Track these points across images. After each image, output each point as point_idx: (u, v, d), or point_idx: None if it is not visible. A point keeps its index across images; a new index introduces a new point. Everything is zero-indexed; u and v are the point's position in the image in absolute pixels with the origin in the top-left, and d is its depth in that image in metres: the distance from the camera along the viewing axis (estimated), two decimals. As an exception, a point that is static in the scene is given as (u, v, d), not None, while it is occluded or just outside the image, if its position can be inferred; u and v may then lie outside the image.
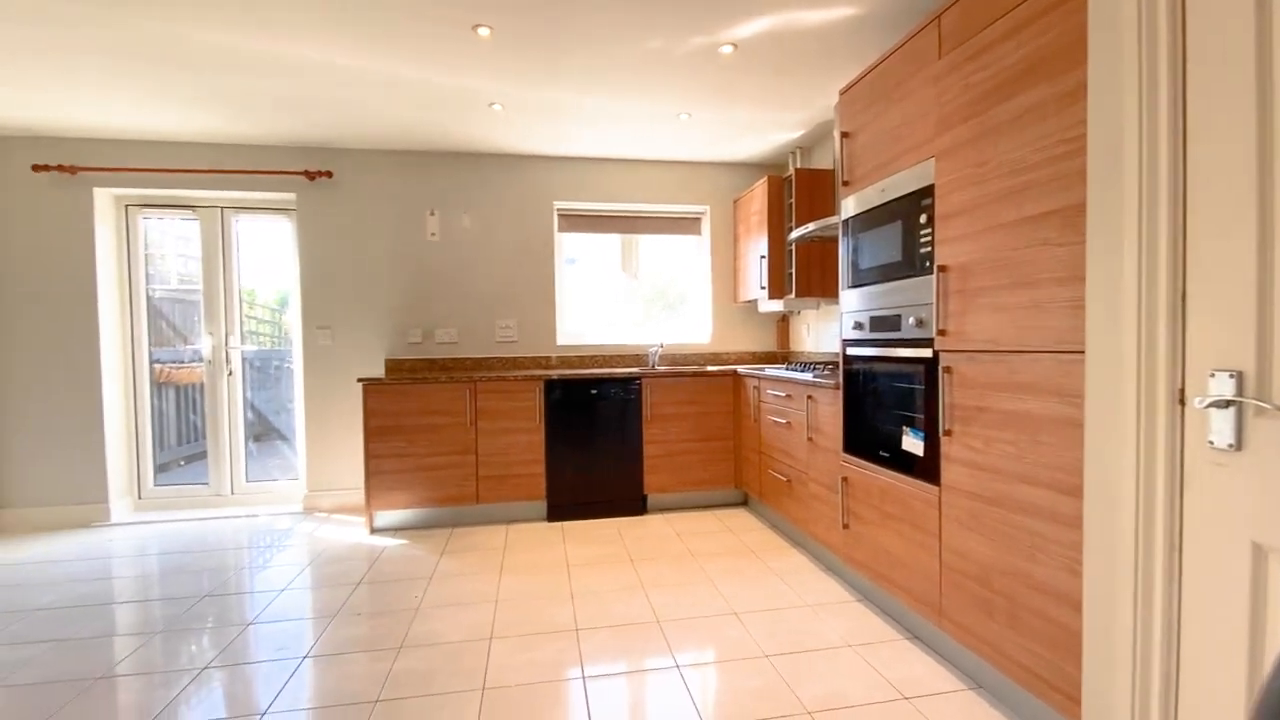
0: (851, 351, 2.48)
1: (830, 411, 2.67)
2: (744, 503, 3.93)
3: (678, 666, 2.00)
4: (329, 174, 3.90)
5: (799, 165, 4.05)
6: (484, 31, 2.49)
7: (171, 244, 4.13)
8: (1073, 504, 1.45)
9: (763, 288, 3.85)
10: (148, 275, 4.03)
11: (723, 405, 3.83)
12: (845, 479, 2.51)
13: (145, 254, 4.01)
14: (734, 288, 4.44)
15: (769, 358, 4.52)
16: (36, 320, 3.67)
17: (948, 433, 1.89)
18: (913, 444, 2.07)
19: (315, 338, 3.97)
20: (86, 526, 3.68)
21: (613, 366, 4.25)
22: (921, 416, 2.03)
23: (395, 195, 4.04)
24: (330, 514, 3.89)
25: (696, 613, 2.38)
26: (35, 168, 3.60)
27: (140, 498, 3.99)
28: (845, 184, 2.54)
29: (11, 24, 2.38)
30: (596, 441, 3.69)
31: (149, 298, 4.03)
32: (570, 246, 4.42)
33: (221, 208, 4.01)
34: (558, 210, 4.28)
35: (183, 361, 4.11)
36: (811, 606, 2.42)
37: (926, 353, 2.00)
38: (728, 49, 2.68)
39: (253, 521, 3.75)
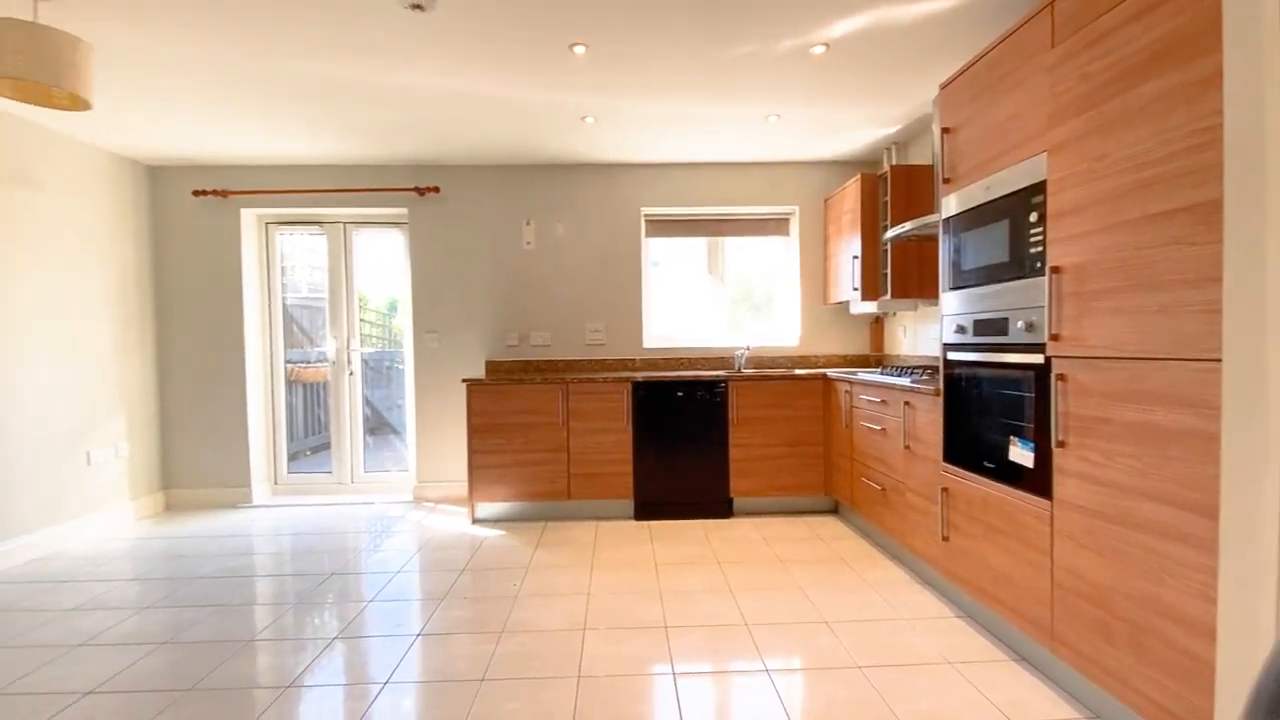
0: (953, 356, 2.38)
1: (929, 419, 2.57)
2: (834, 510, 3.84)
3: (767, 670, 2.01)
4: (436, 189, 4.20)
5: (894, 162, 3.91)
6: (579, 50, 2.61)
7: (302, 256, 4.60)
8: (1207, 525, 1.33)
9: (855, 289, 3.74)
10: (283, 285, 4.51)
11: (812, 409, 3.76)
12: (945, 489, 2.41)
13: (281, 266, 4.50)
14: (824, 289, 4.34)
15: (860, 361, 4.39)
16: (195, 326, 4.21)
17: (1061, 444, 1.78)
18: (1021, 455, 1.97)
19: (424, 341, 4.28)
20: (233, 507, 4.18)
21: (698, 369, 4.28)
22: (1030, 426, 1.93)
23: (495, 207, 4.28)
24: (436, 504, 4.19)
25: (785, 619, 2.37)
26: (195, 193, 4.13)
27: (276, 483, 4.47)
28: (946, 181, 2.44)
29: (180, 74, 2.76)
30: (682, 443, 3.74)
31: (284, 305, 4.51)
32: (655, 250, 4.50)
33: (344, 223, 4.42)
34: (645, 216, 4.37)
35: (309, 362, 4.57)
36: (907, 620, 2.35)
37: (1037, 358, 1.89)
38: (819, 49, 2.65)
39: (369, 509, 4.11)
